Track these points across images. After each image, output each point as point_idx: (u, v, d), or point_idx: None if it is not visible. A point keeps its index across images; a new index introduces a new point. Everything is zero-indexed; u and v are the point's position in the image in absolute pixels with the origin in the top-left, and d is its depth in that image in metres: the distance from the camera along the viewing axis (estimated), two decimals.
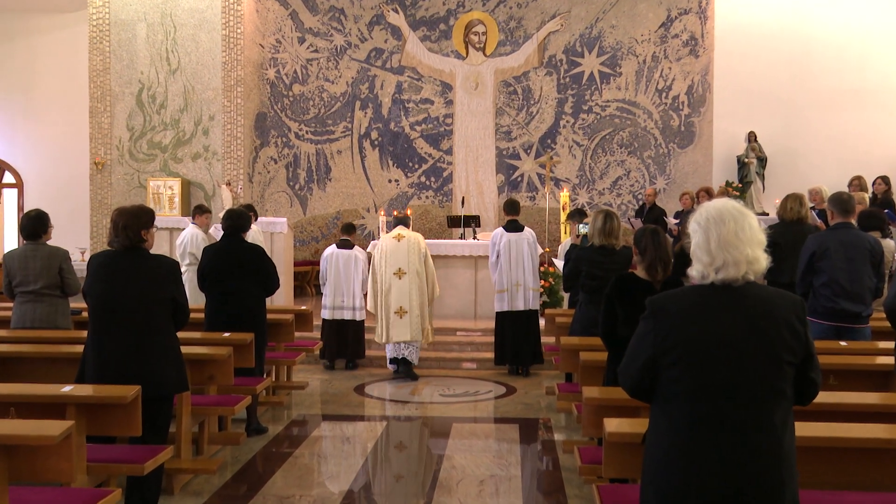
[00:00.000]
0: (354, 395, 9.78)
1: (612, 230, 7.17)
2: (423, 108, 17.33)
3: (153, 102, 15.47)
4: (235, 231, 7.94)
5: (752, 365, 2.96)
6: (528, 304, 10.69)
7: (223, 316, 7.71)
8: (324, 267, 11.11)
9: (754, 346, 2.97)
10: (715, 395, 2.96)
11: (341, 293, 10.96)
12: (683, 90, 16.64)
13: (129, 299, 5.35)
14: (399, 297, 10.56)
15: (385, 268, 10.64)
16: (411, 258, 10.63)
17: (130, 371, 5.30)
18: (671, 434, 3.03)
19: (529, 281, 10.68)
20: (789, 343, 3.00)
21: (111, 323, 5.36)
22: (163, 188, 15.13)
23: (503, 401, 9.58)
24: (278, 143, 16.73)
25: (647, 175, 16.81)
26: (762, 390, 2.96)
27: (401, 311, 10.55)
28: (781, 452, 2.97)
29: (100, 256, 5.56)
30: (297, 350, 9.45)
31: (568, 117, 17.10)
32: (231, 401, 6.80)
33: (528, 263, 10.69)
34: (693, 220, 3.14)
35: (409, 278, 10.57)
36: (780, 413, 2.98)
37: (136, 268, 5.40)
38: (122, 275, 5.39)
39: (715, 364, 2.97)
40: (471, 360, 11.44)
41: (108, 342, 5.38)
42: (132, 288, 5.36)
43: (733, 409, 2.95)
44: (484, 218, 16.55)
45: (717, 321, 3.00)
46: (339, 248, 11.11)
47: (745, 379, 2.96)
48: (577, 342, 7.02)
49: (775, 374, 2.97)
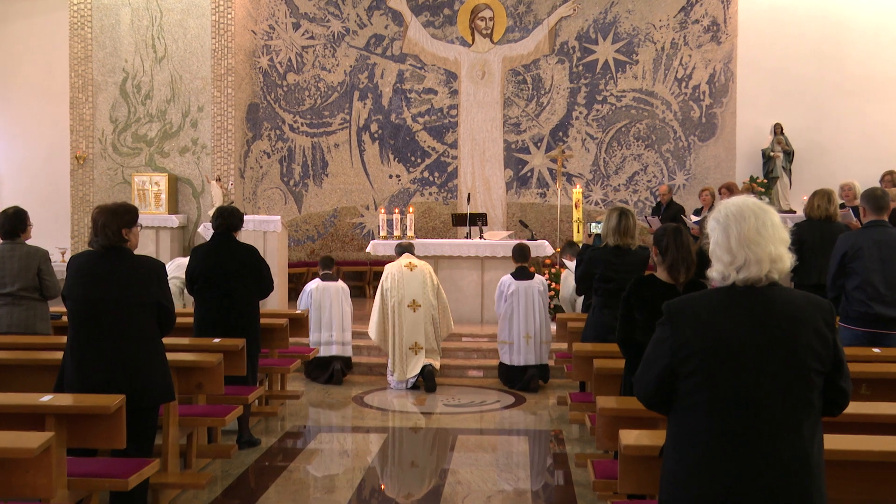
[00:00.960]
0: (353, 405, 9.79)
1: (628, 229, 7.16)
2: (426, 99, 17.34)
3: (138, 93, 15.49)
4: (227, 230, 7.95)
5: (777, 374, 2.96)
6: (539, 358, 10.62)
7: (213, 320, 7.72)
8: (306, 302, 10.88)
9: (779, 353, 2.97)
10: (737, 407, 2.96)
11: (329, 328, 10.84)
12: (704, 79, 16.63)
13: (111, 303, 5.36)
14: (414, 331, 10.60)
15: (398, 299, 10.62)
16: (426, 290, 10.65)
17: (113, 379, 5.31)
18: (690, 448, 3.03)
19: (541, 333, 10.63)
20: (817, 350, 3.00)
21: (92, 328, 5.38)
22: (148, 184, 15.15)
23: (511, 411, 9.58)
24: (271, 136, 16.75)
25: (665, 170, 16.80)
26: (788, 401, 2.96)
27: (416, 347, 10.60)
28: (809, 467, 2.97)
29: (80, 257, 5.57)
30: (292, 357, 9.46)
31: (581, 108, 17.09)
32: (221, 411, 6.81)
33: (539, 314, 10.62)
34: (711, 217, 3.15)
35: (423, 311, 10.62)
36: (807, 425, 2.97)
37: (118, 269, 5.41)
38: (103, 277, 5.40)
39: (737, 373, 2.97)
40: (477, 367, 11.44)
41: (90, 348, 5.39)
42: (113, 291, 5.37)
43: (757, 421, 2.95)
44: (491, 216, 16.55)
45: (740, 326, 3.00)
46: (323, 281, 10.95)
47: (770, 389, 2.95)
48: (590, 349, 7.03)
49: (802, 384, 2.97)
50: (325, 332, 10.77)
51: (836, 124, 15.71)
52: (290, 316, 9.48)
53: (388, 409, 9.70)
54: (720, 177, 15.94)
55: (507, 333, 10.69)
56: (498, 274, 13.02)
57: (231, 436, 8.08)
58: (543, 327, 10.62)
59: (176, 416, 6.32)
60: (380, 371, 11.31)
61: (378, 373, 11.31)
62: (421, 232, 16.32)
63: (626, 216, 7.19)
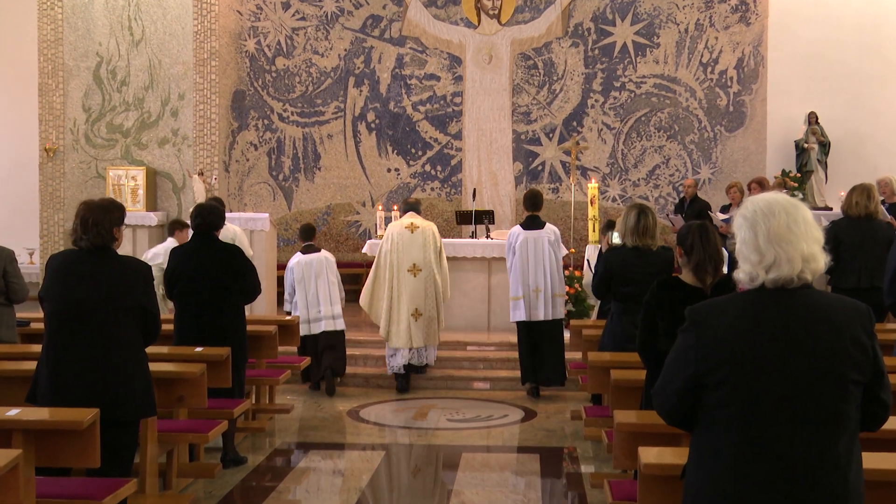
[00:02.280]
0: (348, 420, 9.80)
1: (647, 228, 7.16)
2: (428, 86, 17.35)
3: (113, 79, 15.51)
4: (207, 229, 7.96)
5: (811, 385, 2.96)
6: (550, 312, 10.69)
7: (195, 328, 7.73)
8: (290, 279, 11.01)
9: (814, 362, 2.97)
10: (767, 422, 2.96)
11: (316, 303, 10.89)
12: (732, 64, 16.63)
13: (94, 306, 5.37)
14: (414, 297, 10.81)
15: (397, 263, 10.80)
16: (427, 252, 10.83)
17: (89, 391, 5.32)
18: (716, 467, 3.03)
19: (552, 285, 10.66)
20: (855, 359, 3.00)
21: (71, 333, 5.39)
22: (125, 178, 15.17)
23: (521, 426, 9.59)
24: (259, 126, 16.77)
25: (689, 163, 16.80)
26: (823, 415, 2.96)
27: (416, 314, 10.79)
28: (846, 488, 2.97)
29: (61, 256, 5.60)
30: (281, 367, 9.47)
31: (597, 96, 17.10)
32: (204, 426, 6.81)
33: (549, 265, 10.68)
34: (738, 214, 3.15)
35: (424, 276, 10.80)
36: (844, 441, 2.98)
37: (104, 270, 5.43)
38: (88, 278, 5.42)
39: (767, 384, 2.97)
40: (483, 379, 11.45)
41: (66, 356, 5.40)
42: (98, 293, 5.39)
43: (789, 437, 2.95)
44: (499, 213, 16.56)
45: (770, 334, 3.00)
46: (305, 255, 11.07)
47: (803, 401, 2.96)
48: (607, 358, 7.03)
49: (838, 396, 2.97)
50: (312, 308, 10.86)
51: (875, 113, 15.70)
52: (279, 322, 9.49)
53: (385, 423, 9.71)
54: (749, 170, 15.93)
55: (517, 288, 10.73)
56: (506, 276, 13.02)
57: (215, 453, 8.09)
58: (554, 280, 10.69)
59: (155, 432, 6.33)
60: (376, 383, 11.33)
61: (375, 384, 11.33)
62: None
63: (644, 214, 7.19)
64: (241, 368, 7.94)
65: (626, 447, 5.06)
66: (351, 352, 11.68)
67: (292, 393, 10.95)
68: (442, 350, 11.87)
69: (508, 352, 11.89)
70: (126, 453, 5.55)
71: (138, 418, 5.63)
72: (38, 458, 5.09)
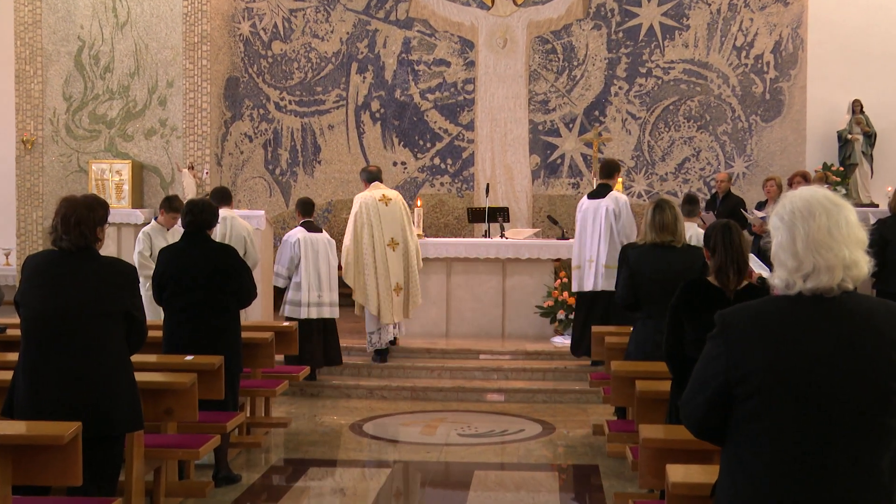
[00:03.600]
0: (349, 435, 9.82)
1: (665, 224, 7.21)
2: (438, 72, 17.36)
3: (96, 65, 15.56)
4: (199, 228, 7.99)
5: (850, 396, 2.96)
6: (595, 284, 11.15)
7: (185, 334, 7.76)
8: (291, 254, 11.29)
9: (855, 372, 2.97)
10: (804, 436, 2.97)
11: (318, 286, 11.10)
12: (769, 47, 16.61)
13: (75, 312, 5.39)
14: (395, 272, 11.57)
15: (374, 237, 11.47)
16: (403, 226, 11.60)
17: (70, 403, 5.34)
18: (748, 485, 3.03)
19: (601, 256, 11.08)
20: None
21: (50, 341, 5.40)
22: (108, 173, 15.21)
23: (539, 442, 9.60)
24: (254, 115, 16.80)
25: (721, 156, 16.79)
26: (864, 428, 2.97)
27: (398, 289, 11.56)
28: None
29: (39, 257, 5.62)
30: (279, 378, 9.50)
31: (621, 83, 17.09)
32: (195, 441, 6.84)
33: (604, 234, 11.12)
34: (774, 213, 3.15)
35: (402, 249, 11.57)
36: (887, 457, 2.98)
37: (87, 273, 5.45)
38: (69, 281, 5.43)
39: (804, 395, 2.97)
40: (497, 390, 11.47)
41: (45, 366, 5.42)
42: (80, 298, 5.40)
43: (827, 452, 2.96)
44: (514, 210, 16.56)
45: (806, 341, 3.00)
46: (309, 232, 11.39)
47: (843, 415, 2.96)
48: (632, 368, 7.04)
49: (881, 408, 2.97)
50: (313, 291, 11.21)
51: None
52: (276, 329, 9.51)
53: (390, 439, 9.73)
54: (787, 163, 15.91)
55: (576, 258, 11.39)
56: (523, 279, 13.06)
57: (206, 471, 8.11)
58: (602, 250, 11.14)
59: (141, 448, 6.35)
60: (381, 395, 11.36)
61: (379, 396, 11.36)
62: (431, 229, 16.34)
63: (661, 209, 7.24)
64: (235, 379, 7.97)
65: (653, 465, 5.07)
66: (353, 361, 11.72)
67: (290, 405, 10.98)
68: (452, 359, 11.92)
69: (524, 361, 11.92)
70: (110, 471, 5.57)
71: (123, 433, 5.65)
72: (14, 476, 5.11)
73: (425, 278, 12.90)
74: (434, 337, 12.99)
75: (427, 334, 13.04)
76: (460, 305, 13.16)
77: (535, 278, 13.12)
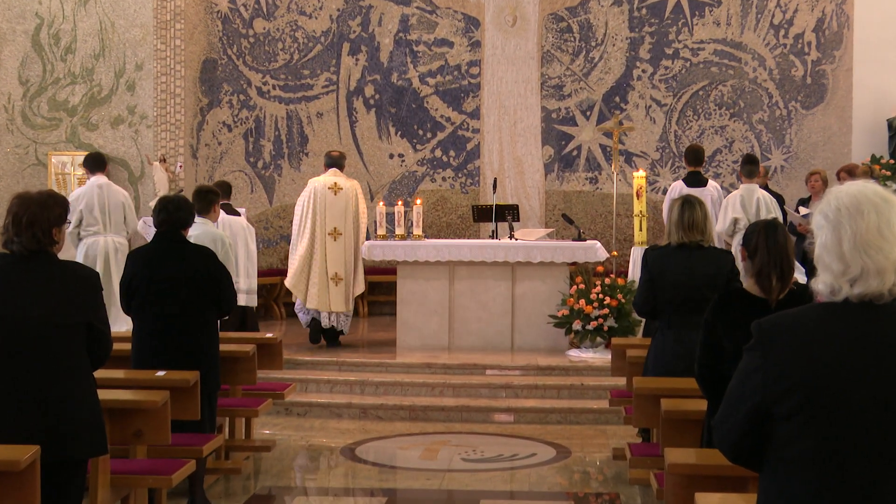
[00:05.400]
0: (341, 460, 9.82)
1: (694, 222, 7.22)
2: (439, 53, 17.38)
3: (56, 45, 15.57)
4: (174, 228, 7.99)
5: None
6: None
7: (157, 347, 7.77)
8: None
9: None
10: (851, 461, 2.96)
11: (235, 273, 11.13)
12: (810, 26, 16.62)
13: (30, 324, 5.37)
14: (335, 261, 12.56)
15: (318, 225, 12.47)
16: (348, 216, 12.60)
17: (26, 425, 5.33)
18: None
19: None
20: None
21: (1, 357, 5.39)
22: (70, 166, 15.23)
23: (552, 468, 9.60)
24: (234, 102, 16.80)
25: (757, 147, 16.79)
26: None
27: (336, 278, 12.47)
28: None
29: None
30: (261, 396, 9.49)
31: (645, 65, 17.10)
32: (167, 467, 6.83)
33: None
34: (818, 211, 3.14)
35: (344, 240, 12.53)
36: None
37: (42, 280, 5.43)
38: (21, 289, 5.41)
39: (851, 416, 2.97)
40: (506, 409, 11.46)
41: None
42: (34, 308, 5.38)
43: (877, 480, 2.95)
44: (524, 208, 16.56)
45: (854, 355, 2.99)
46: (228, 215, 11.90)
47: (894, 437, 2.96)
48: (657, 385, 7.03)
49: None
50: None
51: None
52: (259, 341, 9.51)
53: (386, 464, 9.72)
54: (830, 155, 15.92)
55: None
56: (534, 285, 13.06)
57: (180, 499, 8.11)
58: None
59: (107, 475, 6.35)
60: (376, 415, 11.36)
61: (374, 416, 11.35)
62: (432, 229, 16.35)
63: (690, 205, 7.25)
64: (212, 397, 7.97)
65: (681, 493, 5.06)
66: (345, 377, 11.71)
67: (274, 426, 10.98)
68: (455, 374, 11.91)
69: (536, 377, 11.91)
70: (72, 501, 5.57)
71: (86, 458, 5.64)
72: None
73: (425, 284, 12.91)
74: (435, 350, 12.97)
75: (427, 347, 13.03)
76: (464, 315, 13.14)
77: (548, 284, 13.11)
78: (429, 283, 13.04)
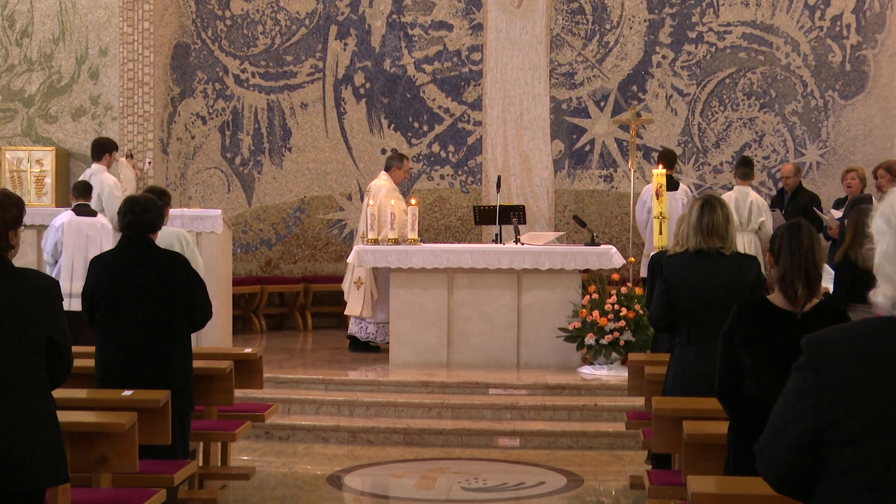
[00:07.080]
0: (326, 489, 9.82)
1: (715, 226, 7.21)
2: (437, 37, 17.40)
3: (11, 28, 15.59)
4: (141, 231, 8.00)
5: None
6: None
7: (124, 364, 7.78)
8: (54, 239, 11.96)
9: None
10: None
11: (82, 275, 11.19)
12: (849, 6, 16.64)
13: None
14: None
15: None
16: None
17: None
18: None
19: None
20: None
21: None
22: (26, 162, 15.24)
23: (563, 497, 9.61)
24: (209, 91, 16.82)
25: (790, 142, 16.82)
26: None
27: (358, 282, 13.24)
28: None
29: None
30: (239, 418, 9.50)
31: (665, 51, 17.13)
32: (134, 497, 6.84)
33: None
34: (878, 215, 3.09)
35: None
36: None
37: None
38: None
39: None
40: (511, 433, 11.47)
41: None
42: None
43: None
44: (531, 209, 16.59)
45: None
46: (78, 215, 11.93)
47: None
48: (677, 406, 7.04)
49: None
50: (76, 281, 11.43)
51: None
52: (237, 357, 9.52)
53: (378, 494, 9.74)
54: (872, 150, 15.94)
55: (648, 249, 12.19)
56: (542, 294, 13.06)
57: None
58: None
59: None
60: (366, 438, 11.35)
61: (364, 441, 11.35)
62: (430, 232, 16.36)
63: (711, 207, 7.23)
64: (185, 419, 7.98)
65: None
66: (332, 397, 11.71)
67: (253, 451, 10.99)
68: (455, 394, 11.91)
69: (545, 397, 11.92)
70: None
71: (44, 487, 5.64)
72: None
73: (421, 294, 12.92)
74: (432, 367, 12.96)
75: (423, 363, 13.02)
76: (465, 327, 13.14)
77: (557, 294, 13.10)
78: (425, 292, 13.04)
